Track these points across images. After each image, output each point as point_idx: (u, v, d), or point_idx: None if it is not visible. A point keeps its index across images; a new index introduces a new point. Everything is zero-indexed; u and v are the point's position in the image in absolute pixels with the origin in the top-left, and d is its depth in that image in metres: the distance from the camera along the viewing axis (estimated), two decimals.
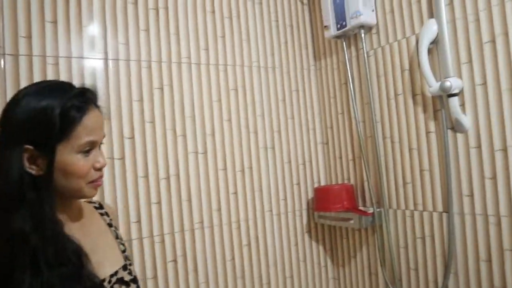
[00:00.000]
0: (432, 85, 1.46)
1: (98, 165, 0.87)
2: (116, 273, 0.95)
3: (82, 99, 0.83)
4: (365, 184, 1.85)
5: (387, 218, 1.73)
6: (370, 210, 1.78)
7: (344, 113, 1.95)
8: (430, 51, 1.51)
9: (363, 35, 1.75)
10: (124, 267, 0.98)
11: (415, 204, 1.64)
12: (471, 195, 1.44)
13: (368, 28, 1.76)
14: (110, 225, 1.04)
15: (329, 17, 1.81)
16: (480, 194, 1.42)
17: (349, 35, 1.85)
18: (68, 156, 0.82)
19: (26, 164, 0.79)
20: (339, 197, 1.84)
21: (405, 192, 1.68)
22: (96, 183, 0.88)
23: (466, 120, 1.43)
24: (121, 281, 0.95)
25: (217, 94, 1.78)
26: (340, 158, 1.99)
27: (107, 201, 1.50)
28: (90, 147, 0.85)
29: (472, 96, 1.42)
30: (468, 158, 1.44)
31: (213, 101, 1.76)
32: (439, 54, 1.49)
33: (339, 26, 1.78)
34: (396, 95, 1.68)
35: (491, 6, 1.35)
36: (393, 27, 1.68)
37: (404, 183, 1.67)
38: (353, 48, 1.86)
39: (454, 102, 1.43)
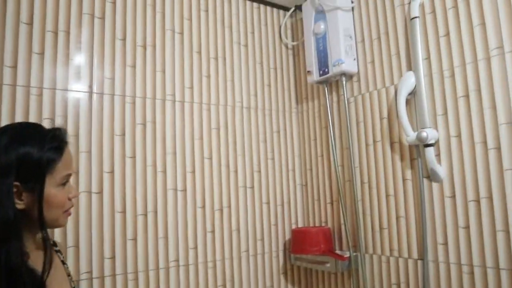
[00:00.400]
0: (409, 135, 1.51)
1: (71, 196, 0.98)
2: None
3: (58, 139, 0.95)
4: (342, 227, 1.86)
5: (363, 263, 1.74)
6: (347, 254, 1.78)
7: (324, 156, 1.98)
8: (408, 101, 1.57)
9: (344, 82, 1.81)
10: None
11: (391, 250, 1.66)
12: (446, 244, 1.47)
13: (349, 76, 1.82)
14: (63, 262, 1.10)
15: (312, 63, 1.87)
16: (454, 243, 1.44)
17: (331, 81, 1.91)
18: (52, 189, 0.92)
19: (15, 199, 0.87)
20: (316, 240, 1.85)
21: (381, 237, 1.70)
22: (68, 212, 0.99)
23: (441, 170, 1.47)
24: None
25: (199, 132, 1.79)
26: (318, 200, 2.01)
27: (83, 235, 1.47)
28: (67, 180, 0.96)
29: (447, 147, 1.47)
30: (443, 207, 1.48)
31: (195, 139, 1.77)
32: (416, 105, 1.55)
33: (321, 72, 1.84)
34: (374, 141, 1.73)
35: (465, 63, 1.42)
36: (373, 77, 1.74)
37: (381, 229, 1.70)
38: (334, 94, 1.92)
39: (430, 152, 1.48)
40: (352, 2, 1.83)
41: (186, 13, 1.83)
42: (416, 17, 1.55)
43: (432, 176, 1.50)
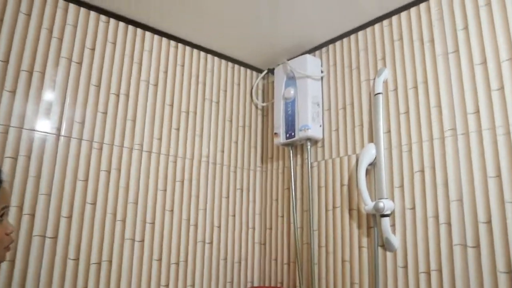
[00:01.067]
0: (367, 204, 1.57)
1: (9, 231, 0.96)
2: None
3: None
4: None
5: None
6: None
7: (284, 217, 2.01)
8: (368, 171, 1.64)
9: (309, 147, 1.88)
10: None
11: None
12: None
13: (314, 141, 1.90)
14: None
15: (280, 126, 1.95)
16: None
17: (297, 145, 1.98)
18: None
19: None
20: None
21: None
22: (8, 248, 0.97)
23: (395, 240, 1.53)
24: None
25: (164, 184, 1.79)
26: (276, 260, 2.01)
27: (30, 280, 1.41)
28: (3, 213, 0.93)
29: (402, 219, 1.53)
30: (395, 276, 1.52)
31: (158, 189, 1.77)
32: (375, 176, 1.62)
33: (288, 135, 1.91)
34: (334, 207, 1.78)
35: (422, 141, 1.53)
36: (337, 144, 1.83)
37: None
38: (299, 157, 1.99)
39: (386, 222, 1.54)
40: (322, 72, 1.95)
41: (162, 66, 1.89)
42: (379, 93, 1.66)
43: (386, 245, 1.55)
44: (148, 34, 1.86)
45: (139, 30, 1.83)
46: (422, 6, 1.62)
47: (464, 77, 1.45)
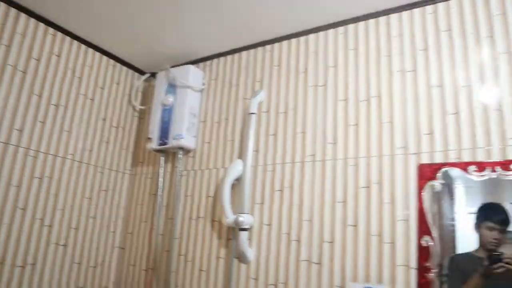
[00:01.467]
0: (229, 217, 1.64)
1: None
2: None
3: None
4: None
5: None
6: None
7: (148, 222, 2.00)
8: (233, 186, 1.72)
9: (180, 155, 1.90)
10: None
11: None
12: None
13: (186, 151, 1.93)
14: None
15: (154, 131, 1.94)
16: None
17: (169, 152, 1.99)
18: None
19: None
20: None
21: None
22: None
23: (251, 253, 1.62)
24: None
25: (18, 180, 1.66)
26: (134, 265, 1.98)
27: None
28: None
29: (258, 233, 1.63)
30: (247, 287, 1.60)
31: (11, 185, 1.64)
32: (239, 191, 1.70)
33: (161, 142, 1.90)
34: (198, 217, 1.82)
35: (285, 162, 1.65)
36: (207, 156, 1.88)
37: None
38: (170, 164, 2.00)
39: (244, 235, 1.62)
40: (203, 84, 1.99)
41: (35, 53, 1.75)
42: (253, 113, 1.75)
43: (242, 257, 1.64)
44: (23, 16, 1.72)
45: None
46: (301, 39, 1.77)
47: (328, 109, 1.61)
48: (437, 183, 1.30)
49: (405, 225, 1.33)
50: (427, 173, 1.33)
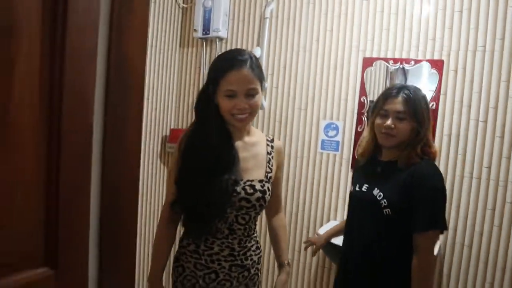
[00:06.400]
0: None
1: (237, 107, 1.35)
2: (252, 181, 1.44)
3: (227, 63, 1.36)
4: None
5: None
6: None
7: (196, 90, 3.09)
8: None
9: (218, 43, 2.93)
10: (260, 181, 1.46)
11: None
12: None
13: (221, 39, 2.94)
14: (269, 153, 1.53)
15: (199, 25, 2.91)
16: None
17: (207, 39, 2.99)
18: (219, 97, 1.38)
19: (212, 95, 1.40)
20: None
21: None
22: (236, 118, 1.37)
23: (265, 103, 2.79)
24: (252, 186, 1.44)
25: None
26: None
27: None
28: (232, 94, 1.35)
29: (270, 95, 2.78)
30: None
31: None
32: None
33: (204, 33, 2.90)
34: None
35: (290, 50, 2.72)
36: (235, 43, 2.91)
37: None
38: (208, 48, 3.02)
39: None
40: None
41: None
42: (266, 18, 2.76)
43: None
44: None
45: None
46: None
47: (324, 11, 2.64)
48: (372, 69, 2.45)
49: (353, 90, 2.51)
50: (367, 62, 2.46)
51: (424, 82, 2.32)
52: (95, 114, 0.80)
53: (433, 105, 2.27)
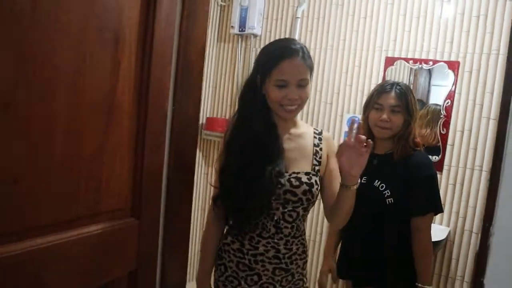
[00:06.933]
0: None
1: (288, 97, 1.30)
2: (298, 173, 1.38)
3: (279, 51, 1.31)
4: None
5: None
6: None
7: (230, 82, 3.37)
8: None
9: (252, 39, 3.19)
10: (307, 173, 1.39)
11: None
12: None
13: (255, 36, 3.21)
14: (316, 145, 1.45)
15: (235, 22, 3.18)
16: None
17: (244, 36, 3.26)
18: (269, 87, 1.33)
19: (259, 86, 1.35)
20: (223, 123, 3.29)
21: None
22: (285, 109, 1.33)
23: None
24: (297, 178, 1.37)
25: None
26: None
27: None
28: (283, 84, 1.29)
29: None
30: None
31: None
32: None
33: (240, 29, 3.17)
34: None
35: (320, 48, 2.96)
36: (268, 40, 3.16)
37: None
38: (243, 43, 3.29)
39: None
40: None
41: None
42: (298, 17, 3.00)
43: None
44: None
45: None
46: None
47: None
48: (393, 67, 2.67)
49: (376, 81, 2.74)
50: (389, 61, 2.68)
51: (444, 81, 2.52)
52: (168, 102, 1.09)
53: (448, 102, 2.48)
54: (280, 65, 1.28)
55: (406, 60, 2.63)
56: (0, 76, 0.71)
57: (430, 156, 2.10)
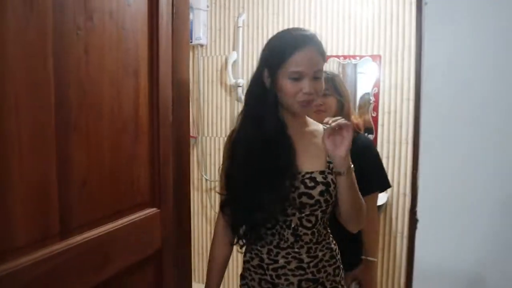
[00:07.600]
0: (231, 80, 3.35)
1: (304, 91, 1.18)
2: (312, 173, 1.25)
3: (293, 40, 1.19)
4: None
5: None
6: None
7: None
8: (233, 64, 3.39)
9: (199, 48, 3.50)
10: (321, 172, 1.25)
11: None
12: None
13: (201, 45, 3.51)
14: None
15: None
16: None
17: (191, 47, 3.55)
18: (281, 80, 1.20)
19: (265, 81, 1.26)
20: None
21: None
22: (301, 104, 1.21)
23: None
24: (312, 179, 1.23)
25: None
26: None
27: None
28: (298, 76, 1.17)
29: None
30: None
31: None
32: (235, 66, 3.38)
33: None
34: (211, 81, 3.51)
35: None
36: (214, 49, 3.49)
37: None
38: (191, 53, 3.58)
39: (239, 90, 3.36)
40: (207, 6, 3.49)
41: None
42: (239, 26, 3.34)
43: (239, 100, 3.42)
44: None
45: None
46: None
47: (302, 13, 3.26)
48: (327, 64, 3.09)
49: None
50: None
51: (369, 73, 2.99)
52: (170, 118, 1.41)
53: (375, 89, 2.95)
54: (295, 56, 1.18)
55: (337, 57, 3.06)
56: (68, 104, 0.99)
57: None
